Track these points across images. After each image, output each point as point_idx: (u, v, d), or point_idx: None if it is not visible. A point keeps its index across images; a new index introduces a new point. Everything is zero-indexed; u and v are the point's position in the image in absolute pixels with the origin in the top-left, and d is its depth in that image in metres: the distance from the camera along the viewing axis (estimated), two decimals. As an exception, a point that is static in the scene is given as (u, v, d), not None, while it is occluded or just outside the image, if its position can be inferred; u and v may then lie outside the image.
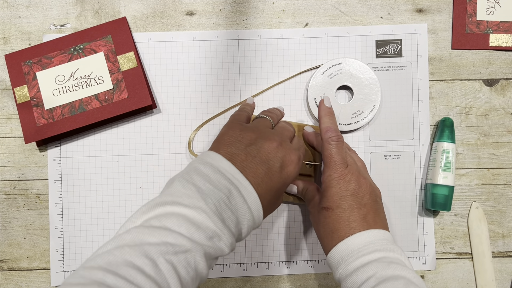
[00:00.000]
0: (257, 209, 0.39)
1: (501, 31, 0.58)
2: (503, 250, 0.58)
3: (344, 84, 0.57)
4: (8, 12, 0.58)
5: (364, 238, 0.43)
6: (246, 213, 0.39)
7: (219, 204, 0.37)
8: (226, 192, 0.37)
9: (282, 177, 0.42)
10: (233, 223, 0.38)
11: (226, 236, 0.37)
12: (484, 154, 0.58)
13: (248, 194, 0.39)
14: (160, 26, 0.58)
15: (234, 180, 0.38)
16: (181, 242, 0.34)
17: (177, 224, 0.35)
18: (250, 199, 0.39)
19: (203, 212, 0.36)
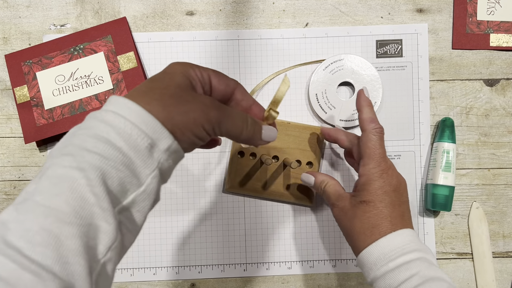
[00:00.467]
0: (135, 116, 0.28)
1: (502, 31, 0.58)
2: (503, 250, 0.57)
3: (346, 80, 0.57)
4: (8, 12, 0.58)
5: (405, 236, 0.41)
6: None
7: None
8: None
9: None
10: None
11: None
12: (484, 154, 0.58)
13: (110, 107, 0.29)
14: (160, 26, 0.58)
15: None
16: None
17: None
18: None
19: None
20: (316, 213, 0.57)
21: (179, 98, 0.30)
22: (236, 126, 0.33)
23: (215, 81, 0.34)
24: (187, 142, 0.31)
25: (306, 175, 0.50)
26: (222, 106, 0.32)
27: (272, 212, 0.57)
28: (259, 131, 0.35)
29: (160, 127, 0.29)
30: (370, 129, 0.45)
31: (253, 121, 0.35)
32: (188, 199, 0.57)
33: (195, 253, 0.57)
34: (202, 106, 0.31)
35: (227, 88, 0.35)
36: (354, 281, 0.57)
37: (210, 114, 0.31)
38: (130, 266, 0.57)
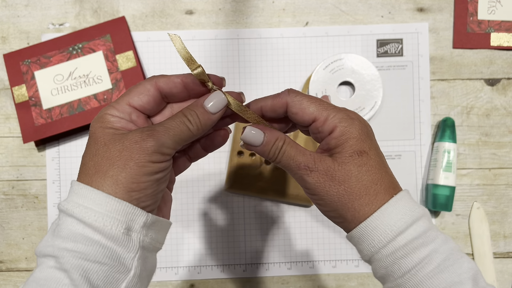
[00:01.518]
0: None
1: (503, 30, 0.58)
2: (504, 251, 0.57)
3: (346, 79, 0.56)
4: (7, 11, 0.58)
5: (409, 195, 0.33)
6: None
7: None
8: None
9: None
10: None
11: None
12: (485, 154, 0.58)
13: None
14: (159, 25, 0.58)
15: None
16: None
17: None
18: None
19: None
20: (316, 213, 0.57)
21: (113, 159, 0.29)
22: (179, 130, 0.31)
23: (152, 92, 0.32)
24: (156, 184, 0.30)
25: (253, 129, 0.33)
26: (152, 126, 0.30)
27: (272, 212, 0.57)
28: (203, 113, 0.32)
29: (131, 208, 0.29)
30: (290, 95, 0.33)
31: (191, 110, 0.32)
32: (188, 199, 0.57)
33: (194, 253, 0.57)
34: (131, 147, 0.29)
35: (177, 85, 0.33)
36: (354, 282, 0.57)
37: (146, 145, 0.29)
38: (129, 266, 0.56)
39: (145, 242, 0.30)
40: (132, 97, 0.32)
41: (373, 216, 0.30)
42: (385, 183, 0.32)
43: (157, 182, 0.30)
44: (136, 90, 0.32)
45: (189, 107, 0.32)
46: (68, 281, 0.27)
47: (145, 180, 0.29)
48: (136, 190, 0.29)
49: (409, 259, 0.29)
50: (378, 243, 0.30)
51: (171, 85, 0.32)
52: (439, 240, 0.30)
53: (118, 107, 0.31)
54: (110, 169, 0.29)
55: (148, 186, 0.30)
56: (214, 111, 0.32)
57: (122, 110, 0.31)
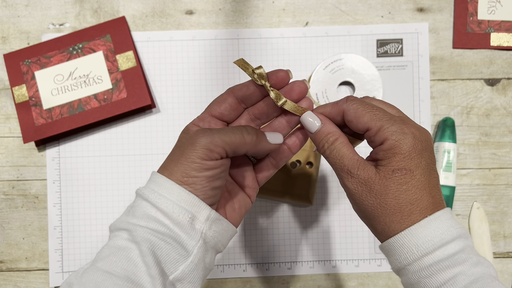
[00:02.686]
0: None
1: (503, 30, 0.58)
2: (504, 251, 0.57)
3: (346, 79, 0.56)
4: (7, 11, 0.58)
5: (449, 215, 0.32)
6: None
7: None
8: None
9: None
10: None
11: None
12: (485, 154, 0.58)
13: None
14: (159, 25, 0.58)
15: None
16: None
17: None
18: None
19: None
20: (316, 213, 0.57)
21: (174, 155, 0.33)
22: (233, 135, 0.33)
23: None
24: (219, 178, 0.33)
25: (311, 115, 0.35)
26: (213, 128, 0.34)
27: (272, 212, 0.57)
28: (262, 136, 0.35)
29: (196, 200, 0.32)
30: (347, 103, 0.34)
31: (253, 128, 0.35)
32: (188, 199, 0.57)
33: (194, 253, 0.57)
34: (186, 144, 0.33)
35: (249, 87, 0.36)
36: (354, 282, 0.57)
37: (196, 141, 0.32)
38: (129, 266, 0.56)
39: (207, 236, 0.33)
40: (212, 107, 0.35)
41: (401, 234, 0.31)
42: (423, 204, 0.31)
43: (207, 180, 0.32)
44: (215, 100, 0.36)
45: (254, 128, 0.35)
46: (137, 252, 0.30)
47: (195, 175, 0.32)
48: (187, 184, 0.32)
49: (434, 279, 0.30)
50: (404, 260, 0.31)
51: (244, 89, 0.35)
52: (468, 263, 0.30)
53: (200, 117, 0.36)
54: (170, 163, 0.33)
55: (197, 182, 0.32)
56: (270, 140, 0.35)
57: (203, 119, 0.35)
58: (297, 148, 0.38)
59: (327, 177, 0.57)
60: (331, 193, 0.57)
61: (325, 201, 0.57)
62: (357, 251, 0.57)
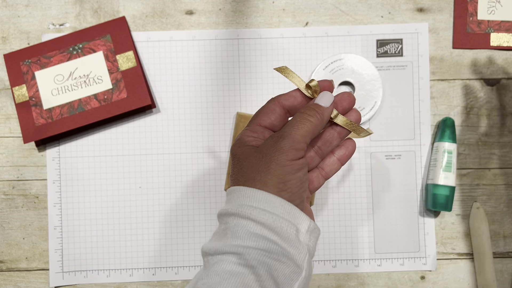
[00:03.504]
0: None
1: (502, 30, 0.58)
2: (504, 251, 0.57)
3: (346, 80, 0.56)
4: (7, 11, 0.58)
5: None
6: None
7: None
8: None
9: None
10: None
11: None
12: (485, 154, 0.58)
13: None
14: (159, 25, 0.58)
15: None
16: None
17: None
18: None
19: None
20: (316, 213, 0.57)
21: (257, 166, 0.32)
22: (304, 125, 0.34)
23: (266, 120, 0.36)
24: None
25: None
26: (280, 130, 0.34)
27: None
28: (318, 106, 0.35)
29: (297, 211, 0.31)
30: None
31: (307, 107, 0.35)
32: (188, 199, 0.57)
33: (194, 253, 0.57)
34: (269, 151, 0.32)
35: (297, 98, 0.37)
36: (354, 282, 0.57)
37: (281, 145, 0.32)
38: (129, 266, 0.56)
39: (310, 247, 0.32)
40: (261, 118, 0.36)
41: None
42: None
43: (300, 181, 0.32)
44: (263, 111, 0.36)
45: (305, 106, 0.35)
46: (253, 277, 0.29)
47: (290, 178, 0.32)
48: (284, 190, 0.31)
49: None
50: None
51: (291, 99, 0.36)
52: None
53: (252, 128, 0.36)
54: (257, 175, 0.32)
55: (294, 185, 0.32)
56: (326, 105, 0.35)
57: (255, 131, 0.35)
58: (346, 159, 0.39)
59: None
60: (331, 193, 0.57)
61: (325, 201, 0.57)
62: (357, 251, 0.57)
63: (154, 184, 0.57)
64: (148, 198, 0.57)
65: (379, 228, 0.57)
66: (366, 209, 0.57)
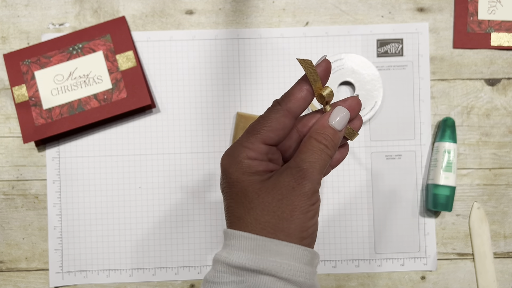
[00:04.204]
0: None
1: (503, 30, 0.58)
2: (504, 251, 0.57)
3: (346, 80, 0.56)
4: (7, 11, 0.58)
5: None
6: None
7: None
8: None
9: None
10: None
11: None
12: (485, 154, 0.57)
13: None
14: (159, 25, 0.58)
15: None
16: None
17: None
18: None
19: None
20: (316, 213, 0.57)
21: (276, 212, 0.28)
22: (323, 160, 0.29)
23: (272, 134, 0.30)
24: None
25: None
26: (299, 166, 0.29)
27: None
28: (334, 133, 0.30)
29: (316, 255, 0.29)
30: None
31: (322, 133, 0.30)
32: (188, 200, 0.57)
33: (194, 253, 0.57)
34: (291, 195, 0.28)
35: (307, 100, 0.30)
36: (354, 282, 0.57)
37: (304, 189, 0.28)
38: (129, 266, 0.56)
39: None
40: (268, 134, 0.29)
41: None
42: None
43: (317, 223, 0.30)
44: (271, 126, 0.29)
45: (318, 131, 0.30)
46: None
47: (311, 224, 0.29)
48: (306, 237, 0.29)
49: None
50: None
51: (302, 103, 0.30)
52: None
53: (254, 148, 0.29)
54: (280, 222, 0.28)
55: (314, 230, 0.29)
56: (340, 128, 0.30)
57: (260, 151, 0.29)
58: (338, 163, 0.35)
59: (327, 177, 0.57)
60: (331, 193, 0.57)
61: (325, 201, 0.57)
62: (357, 251, 0.57)
63: (154, 184, 0.57)
64: (148, 198, 0.57)
65: (379, 228, 0.57)
66: (366, 209, 0.57)
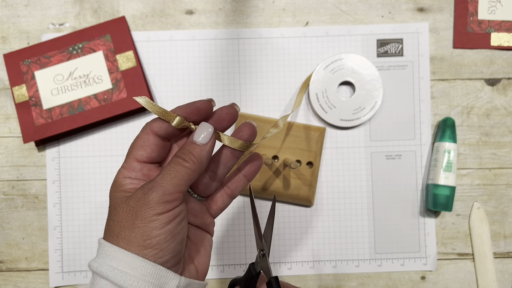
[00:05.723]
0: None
1: (503, 30, 0.58)
2: (504, 251, 0.57)
3: (346, 79, 0.56)
4: (7, 11, 0.58)
5: None
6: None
7: None
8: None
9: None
10: None
11: None
12: (485, 154, 0.57)
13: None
14: (159, 25, 0.58)
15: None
16: None
17: None
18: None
19: None
20: (316, 213, 0.57)
21: (122, 222, 0.29)
22: (177, 172, 0.30)
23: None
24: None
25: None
26: (153, 179, 0.30)
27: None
28: (195, 147, 0.31)
29: (164, 271, 0.29)
30: None
31: (183, 149, 0.31)
32: (188, 199, 0.57)
33: (194, 253, 0.57)
34: (136, 206, 0.29)
35: (169, 127, 0.32)
36: (354, 282, 0.57)
37: (148, 199, 0.29)
38: (129, 266, 0.56)
39: None
40: (137, 152, 0.31)
41: None
42: None
43: (170, 234, 0.29)
44: (137, 144, 0.32)
45: (181, 148, 0.31)
46: None
47: (157, 234, 0.29)
48: (150, 247, 0.29)
49: None
50: None
51: (164, 126, 0.31)
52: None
53: (128, 166, 0.32)
54: (122, 231, 0.29)
55: (162, 240, 0.29)
56: (205, 142, 0.31)
57: (133, 169, 0.31)
58: (253, 175, 0.36)
59: (327, 177, 0.57)
60: (331, 193, 0.57)
61: (325, 201, 0.57)
62: (357, 251, 0.57)
63: (154, 184, 0.57)
64: (148, 198, 0.57)
65: (379, 228, 0.57)
66: (366, 209, 0.57)
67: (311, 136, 0.55)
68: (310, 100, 0.56)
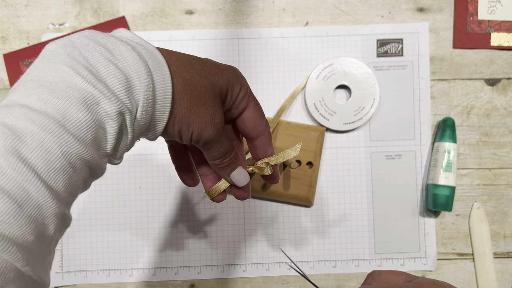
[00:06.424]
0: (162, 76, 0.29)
1: (503, 30, 0.58)
2: (504, 251, 0.57)
3: (341, 83, 0.56)
4: (7, 11, 0.58)
5: None
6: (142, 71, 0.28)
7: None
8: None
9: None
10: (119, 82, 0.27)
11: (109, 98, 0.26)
12: (485, 154, 0.57)
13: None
14: (159, 25, 0.58)
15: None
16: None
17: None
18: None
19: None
20: (316, 213, 0.57)
21: (203, 98, 0.30)
22: (217, 148, 0.31)
23: (249, 115, 0.33)
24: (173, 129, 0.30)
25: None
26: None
27: (272, 212, 0.57)
28: (232, 167, 0.33)
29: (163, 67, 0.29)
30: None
31: (235, 156, 0.33)
32: (187, 199, 0.57)
33: (194, 253, 0.57)
34: (211, 114, 0.30)
35: (253, 131, 0.34)
36: (354, 282, 0.57)
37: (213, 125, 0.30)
38: (129, 267, 0.56)
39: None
40: (255, 110, 0.34)
41: None
42: None
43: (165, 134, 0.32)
44: (258, 111, 0.34)
45: (238, 154, 0.34)
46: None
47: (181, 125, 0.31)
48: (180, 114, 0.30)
49: None
50: None
51: (260, 153, 0.35)
52: None
53: (244, 99, 0.33)
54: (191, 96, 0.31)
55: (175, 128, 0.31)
56: (231, 178, 0.34)
57: (239, 103, 0.33)
58: (238, 195, 0.37)
59: (327, 177, 0.57)
60: (331, 193, 0.57)
61: (325, 201, 0.57)
62: (357, 251, 0.57)
63: (154, 184, 0.57)
64: (148, 198, 0.57)
65: (379, 228, 0.57)
66: (366, 209, 0.57)
67: (311, 136, 0.55)
68: (309, 111, 0.56)
